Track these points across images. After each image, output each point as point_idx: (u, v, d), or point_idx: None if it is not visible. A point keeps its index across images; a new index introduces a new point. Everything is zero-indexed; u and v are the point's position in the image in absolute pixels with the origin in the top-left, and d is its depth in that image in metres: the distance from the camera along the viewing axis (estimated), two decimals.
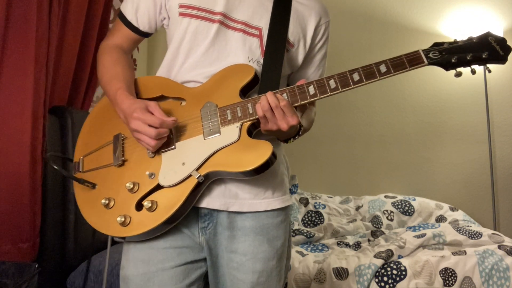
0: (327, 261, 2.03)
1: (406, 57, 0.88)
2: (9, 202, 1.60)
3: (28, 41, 1.65)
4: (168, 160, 0.92)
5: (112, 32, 1.10)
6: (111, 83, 0.98)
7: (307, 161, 3.25)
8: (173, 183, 0.90)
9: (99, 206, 0.94)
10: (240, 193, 0.97)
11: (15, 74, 1.63)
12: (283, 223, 1.03)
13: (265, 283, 0.99)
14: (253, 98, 0.92)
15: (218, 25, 0.98)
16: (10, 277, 1.33)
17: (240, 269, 0.97)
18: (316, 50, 1.10)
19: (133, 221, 0.90)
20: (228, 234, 0.98)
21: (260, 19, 1.00)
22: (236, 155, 0.89)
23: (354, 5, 3.18)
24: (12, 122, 1.62)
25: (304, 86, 0.91)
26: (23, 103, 1.64)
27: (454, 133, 2.99)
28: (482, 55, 0.87)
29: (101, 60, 1.05)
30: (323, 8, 1.10)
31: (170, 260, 0.95)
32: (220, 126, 0.92)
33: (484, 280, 1.91)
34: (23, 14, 1.64)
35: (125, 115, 0.91)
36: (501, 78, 2.88)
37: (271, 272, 1.00)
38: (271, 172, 0.99)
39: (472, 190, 2.94)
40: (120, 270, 1.00)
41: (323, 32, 1.09)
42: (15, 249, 1.61)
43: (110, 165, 0.97)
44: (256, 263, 0.97)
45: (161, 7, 1.04)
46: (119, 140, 0.98)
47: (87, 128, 1.07)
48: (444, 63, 0.88)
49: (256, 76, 0.95)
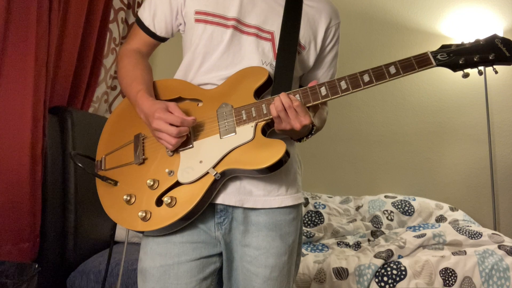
0: (327, 261, 2.03)
1: (414, 58, 0.91)
2: (9, 202, 1.60)
3: (28, 41, 1.65)
4: (186, 159, 0.97)
5: (130, 37, 1.15)
6: (131, 86, 1.03)
7: (307, 161, 3.25)
8: (191, 180, 0.94)
9: (121, 202, 0.99)
10: (254, 190, 1.00)
11: (15, 74, 1.63)
12: (295, 220, 1.06)
13: (278, 278, 1.02)
14: (267, 99, 0.96)
15: (232, 30, 1.02)
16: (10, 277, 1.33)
17: (253, 263, 1.00)
18: (327, 51, 1.13)
19: (153, 216, 0.94)
20: (242, 228, 1.01)
21: (272, 24, 1.04)
22: (251, 154, 0.93)
23: (354, 5, 3.18)
24: (12, 122, 1.62)
25: (316, 87, 0.94)
26: (23, 103, 1.64)
27: (454, 133, 2.99)
28: (489, 56, 0.89)
29: (121, 64, 1.10)
30: (334, 9, 1.13)
31: (186, 254, 0.98)
32: (235, 126, 0.96)
33: (484, 280, 1.91)
34: (23, 14, 1.64)
35: (146, 116, 0.95)
36: (501, 78, 2.89)
37: (283, 267, 1.03)
38: (284, 170, 1.03)
39: (472, 190, 2.94)
40: (138, 262, 1.04)
41: (333, 33, 1.12)
42: (15, 249, 1.61)
43: (132, 163, 1.02)
44: (269, 257, 1.00)
45: (177, 13, 1.08)
46: (140, 139, 1.03)
47: (108, 129, 1.12)
48: (452, 65, 0.91)
49: (270, 78, 0.99)
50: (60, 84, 2.05)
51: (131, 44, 1.13)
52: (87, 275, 1.85)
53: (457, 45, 0.92)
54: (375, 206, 2.79)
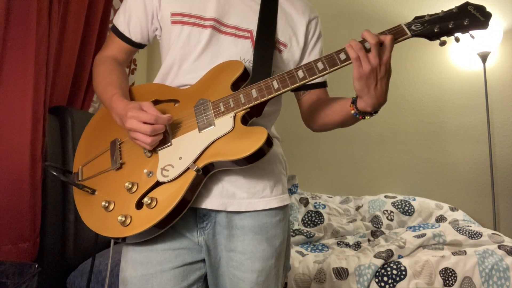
0: (327, 261, 2.03)
1: (389, 31, 0.90)
2: (9, 202, 1.60)
3: (28, 41, 1.65)
4: (165, 157, 0.94)
5: (106, 44, 1.13)
6: (106, 90, 1.00)
7: (307, 161, 3.25)
8: (171, 178, 0.91)
9: (100, 210, 0.95)
10: (237, 192, 0.98)
11: (15, 74, 1.63)
12: (282, 222, 1.03)
13: (265, 282, 0.99)
14: (244, 89, 0.94)
15: (211, 30, 1.01)
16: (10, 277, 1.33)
17: (240, 268, 0.98)
18: (311, 46, 1.12)
19: (134, 220, 0.91)
20: (227, 233, 0.98)
21: (250, 22, 1.03)
22: (233, 144, 0.90)
23: (353, 5, 3.18)
24: (12, 122, 1.62)
25: (293, 71, 0.92)
26: (23, 103, 1.64)
27: (454, 133, 2.99)
28: (463, 22, 0.88)
29: (96, 71, 1.07)
30: (309, 5, 1.14)
31: (168, 262, 0.96)
32: (214, 119, 0.94)
33: (484, 280, 1.91)
34: (23, 14, 1.64)
35: (120, 117, 0.92)
36: (501, 78, 2.88)
37: (270, 271, 1.00)
38: (268, 171, 1.01)
39: (472, 190, 2.94)
40: (120, 272, 1.01)
41: (315, 27, 1.12)
42: (15, 249, 1.61)
43: (109, 169, 0.98)
44: (256, 262, 0.98)
45: (152, 17, 1.06)
46: (116, 144, 1.00)
47: (84, 140, 1.09)
48: (427, 33, 0.90)
49: (246, 70, 0.97)
50: (60, 84, 2.05)
51: (106, 51, 1.11)
52: (87, 275, 1.85)
53: (431, 15, 0.92)
54: (375, 206, 2.79)
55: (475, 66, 2.88)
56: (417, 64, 3.05)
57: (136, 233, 0.90)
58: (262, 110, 0.98)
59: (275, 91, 0.92)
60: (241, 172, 0.98)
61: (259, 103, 0.93)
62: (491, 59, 2.83)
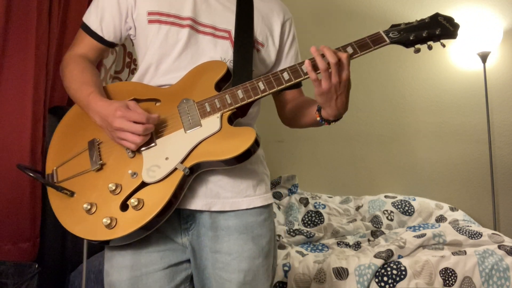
0: (327, 261, 2.03)
1: (369, 38, 0.95)
2: (9, 202, 1.60)
3: (28, 41, 1.65)
4: (150, 157, 0.92)
5: (75, 42, 1.10)
6: (81, 89, 0.97)
7: (307, 161, 3.25)
8: (158, 179, 0.89)
9: (81, 213, 0.92)
10: (221, 192, 0.98)
11: (15, 74, 1.63)
12: (267, 221, 1.03)
13: (252, 282, 0.99)
14: (229, 89, 0.95)
15: (189, 30, 1.00)
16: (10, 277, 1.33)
17: (226, 269, 0.97)
18: (287, 47, 1.14)
19: (120, 222, 0.88)
20: (211, 234, 0.98)
21: (228, 23, 1.03)
22: (221, 143, 0.90)
23: (353, 5, 3.18)
24: (12, 122, 1.62)
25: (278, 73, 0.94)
26: (23, 103, 1.64)
27: (454, 133, 2.99)
28: (436, 31, 0.95)
29: (67, 70, 1.04)
30: (283, 6, 1.15)
31: (153, 264, 0.95)
32: (200, 119, 0.93)
33: (484, 280, 1.91)
34: (23, 15, 1.64)
35: (104, 117, 0.90)
36: (501, 78, 2.88)
37: (258, 270, 0.99)
38: (251, 171, 1.02)
39: (472, 190, 2.94)
40: (105, 276, 0.99)
41: (289, 28, 1.14)
42: (15, 249, 1.61)
43: (88, 170, 0.95)
44: (242, 262, 0.97)
45: (127, 16, 1.04)
46: (95, 144, 0.97)
47: (56, 140, 1.04)
48: (404, 41, 0.95)
49: (229, 71, 0.98)
50: (60, 84, 2.04)
51: (76, 50, 1.08)
52: (87, 275, 1.85)
53: (406, 23, 0.98)
54: (375, 206, 2.79)
55: (475, 66, 2.88)
56: (417, 64, 3.05)
57: (123, 235, 0.88)
58: (247, 111, 1.00)
59: (261, 92, 0.94)
60: (225, 172, 0.98)
61: (245, 104, 0.94)
62: (491, 59, 2.83)
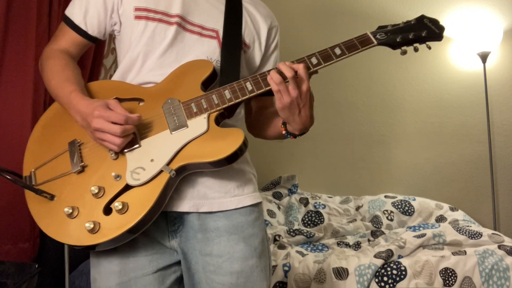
0: (327, 261, 2.03)
1: (357, 39, 0.95)
2: (9, 202, 1.60)
3: (28, 41, 1.65)
4: (134, 159, 0.89)
5: (57, 36, 1.05)
6: (62, 87, 0.94)
7: (307, 161, 3.25)
8: (143, 181, 0.87)
9: (62, 217, 0.87)
10: (209, 192, 0.96)
11: (15, 74, 1.63)
12: (258, 221, 1.01)
13: (246, 283, 0.96)
14: (216, 90, 0.93)
15: (176, 27, 0.98)
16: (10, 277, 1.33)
17: (217, 272, 0.95)
18: (270, 51, 1.13)
19: (103, 226, 0.85)
20: (200, 237, 0.96)
21: (216, 22, 1.02)
22: (209, 145, 0.88)
23: (353, 4, 3.18)
24: (12, 122, 1.62)
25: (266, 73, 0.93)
26: (23, 103, 1.64)
27: (454, 133, 2.99)
28: (422, 33, 0.96)
29: (47, 65, 1.00)
30: (271, 13, 1.16)
31: (142, 268, 0.94)
32: (186, 120, 0.91)
33: (484, 280, 1.91)
34: (23, 14, 1.64)
35: (84, 116, 0.87)
36: (501, 78, 2.89)
37: (251, 272, 0.97)
38: (238, 171, 1.00)
39: (472, 190, 2.94)
40: (92, 283, 0.97)
41: (274, 35, 1.14)
42: (15, 249, 1.61)
43: (69, 172, 0.91)
44: (234, 263, 0.95)
45: (112, 11, 1.01)
46: (76, 145, 0.93)
47: (35, 140, 0.99)
48: (391, 42, 0.96)
49: (215, 71, 0.96)
50: None
51: (58, 44, 1.03)
52: (87, 275, 1.84)
53: (393, 25, 0.99)
54: (375, 206, 2.79)
55: (475, 66, 2.88)
56: (417, 64, 3.05)
57: (107, 240, 0.85)
58: (235, 111, 0.98)
59: (249, 92, 0.92)
60: (212, 172, 0.96)
61: (233, 104, 0.92)
62: (491, 59, 2.83)
